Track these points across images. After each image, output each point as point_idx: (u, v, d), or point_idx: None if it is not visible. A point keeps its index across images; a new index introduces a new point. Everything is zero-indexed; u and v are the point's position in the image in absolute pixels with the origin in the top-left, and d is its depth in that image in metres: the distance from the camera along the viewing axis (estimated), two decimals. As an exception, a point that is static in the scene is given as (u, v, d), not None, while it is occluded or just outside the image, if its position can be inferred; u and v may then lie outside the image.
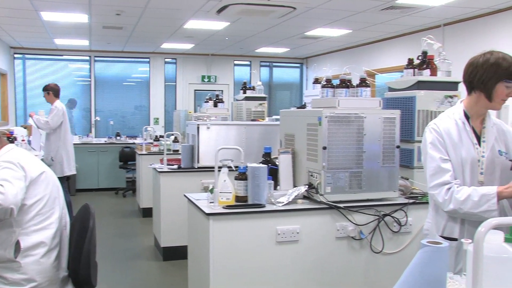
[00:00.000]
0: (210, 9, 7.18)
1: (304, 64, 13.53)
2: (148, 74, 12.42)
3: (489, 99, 2.39)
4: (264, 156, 3.40)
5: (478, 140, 2.46)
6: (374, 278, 3.25)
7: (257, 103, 7.14)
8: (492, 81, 2.35)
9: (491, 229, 1.21)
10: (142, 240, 6.59)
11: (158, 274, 5.26)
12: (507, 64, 2.33)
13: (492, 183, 2.39)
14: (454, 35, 7.96)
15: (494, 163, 2.43)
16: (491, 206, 2.25)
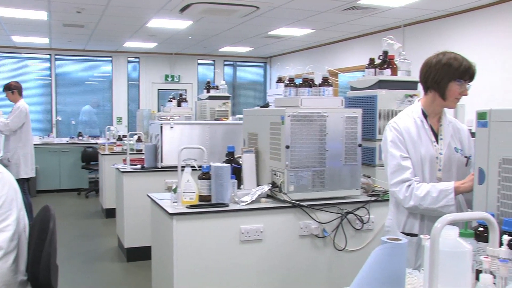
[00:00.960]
0: (173, 8, 7.13)
1: (268, 64, 13.57)
2: (110, 73, 12.25)
3: (443, 98, 2.45)
4: (227, 156, 3.40)
5: (436, 138, 2.52)
6: (337, 275, 3.29)
7: (220, 102, 7.13)
8: (444, 80, 2.41)
9: (447, 224, 1.24)
10: (105, 241, 6.50)
11: (122, 275, 5.20)
12: (458, 64, 2.40)
13: (450, 179, 2.45)
14: (414, 36, 8.12)
15: (451, 159, 2.50)
16: (449, 201, 2.31)
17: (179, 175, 3.13)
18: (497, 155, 1.89)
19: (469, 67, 2.42)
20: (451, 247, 1.38)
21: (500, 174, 1.87)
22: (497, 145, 1.89)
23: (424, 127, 2.52)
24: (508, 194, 1.83)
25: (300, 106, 3.19)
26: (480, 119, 1.97)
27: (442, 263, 1.29)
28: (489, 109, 1.94)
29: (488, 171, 1.93)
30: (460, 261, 1.38)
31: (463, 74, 2.41)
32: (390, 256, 1.42)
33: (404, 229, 2.55)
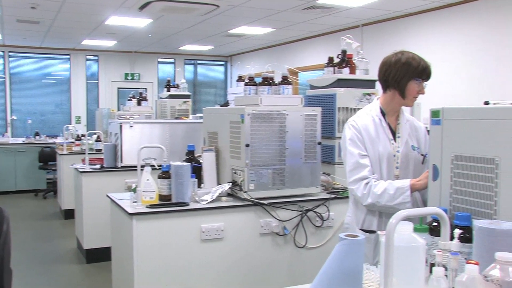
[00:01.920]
0: (132, 6, 7.05)
1: (229, 62, 13.56)
2: (68, 71, 12.01)
3: (403, 96, 2.51)
4: (187, 154, 3.38)
5: (394, 136, 2.57)
6: (298, 272, 3.32)
7: (181, 101, 7.09)
8: (404, 79, 2.47)
9: (402, 220, 1.27)
10: (64, 242, 6.37)
11: (81, 278, 5.11)
12: (417, 64, 2.46)
13: (407, 176, 2.51)
14: (372, 35, 8.27)
15: (408, 157, 2.55)
16: (405, 198, 2.36)
17: (138, 174, 3.10)
18: (449, 151, 1.94)
19: (427, 67, 2.48)
20: (406, 242, 1.41)
21: (452, 170, 1.93)
22: (450, 142, 1.95)
23: (382, 125, 2.56)
24: (460, 190, 1.89)
25: (260, 104, 3.21)
26: (433, 117, 2.02)
27: (397, 258, 1.33)
28: (442, 107, 2.00)
29: (441, 168, 1.98)
30: (414, 255, 1.42)
31: (421, 73, 2.47)
32: (348, 252, 1.45)
33: (363, 226, 2.59)
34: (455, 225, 1.72)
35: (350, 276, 1.44)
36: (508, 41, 6.35)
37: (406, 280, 1.40)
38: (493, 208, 1.76)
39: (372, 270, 1.77)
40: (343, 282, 1.43)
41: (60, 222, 7.62)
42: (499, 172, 1.74)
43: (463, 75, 6.86)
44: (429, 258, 1.67)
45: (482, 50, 6.65)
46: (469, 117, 1.89)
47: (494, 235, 1.53)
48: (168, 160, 3.21)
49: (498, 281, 1.30)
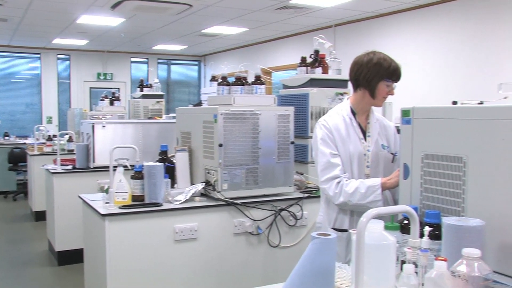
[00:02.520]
0: (104, 4, 6.98)
1: (202, 62, 13.53)
2: (39, 70, 11.82)
3: (373, 96, 2.53)
4: (160, 155, 3.37)
5: (364, 135, 2.60)
6: (272, 271, 3.33)
7: (154, 101, 7.05)
8: (375, 79, 2.49)
9: (372, 218, 1.29)
10: (35, 245, 6.27)
11: (53, 280, 5.04)
12: (388, 65, 2.48)
13: (377, 175, 2.53)
14: (344, 36, 8.34)
15: (378, 156, 2.58)
16: (376, 196, 2.39)
17: (111, 175, 3.07)
18: (420, 150, 1.97)
19: (397, 68, 2.51)
20: (377, 240, 1.43)
21: (422, 169, 1.96)
22: (420, 141, 1.98)
23: (352, 124, 2.58)
24: (430, 188, 1.92)
25: (233, 104, 3.21)
26: (404, 117, 2.05)
27: (368, 256, 1.34)
28: (412, 107, 2.03)
29: (412, 166, 2.02)
30: (385, 253, 1.44)
31: (391, 74, 2.49)
32: (320, 251, 1.46)
33: (335, 225, 2.60)
34: (425, 223, 1.75)
35: (323, 274, 1.45)
36: (476, 42, 6.48)
37: (377, 278, 1.42)
38: (461, 205, 1.79)
39: (344, 268, 1.79)
40: (316, 281, 1.44)
41: (31, 224, 7.49)
42: (467, 170, 1.77)
43: (433, 75, 6.97)
44: (400, 256, 1.70)
45: (451, 50, 6.77)
46: (438, 117, 1.93)
47: (461, 232, 1.56)
48: (141, 160, 3.19)
49: (465, 276, 1.33)
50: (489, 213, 1.67)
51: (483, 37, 6.41)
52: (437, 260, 1.43)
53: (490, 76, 6.08)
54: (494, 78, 5.78)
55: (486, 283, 1.34)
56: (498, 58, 6.20)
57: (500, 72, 6.06)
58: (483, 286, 1.33)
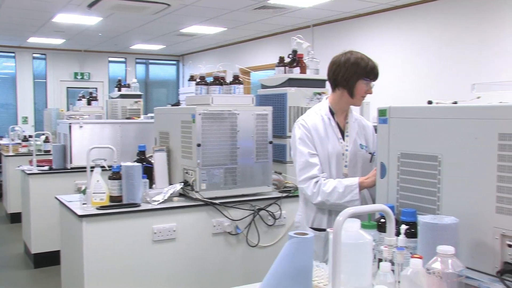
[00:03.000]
0: (81, 3, 6.91)
1: (181, 61, 13.48)
2: (14, 69, 11.64)
3: (351, 95, 2.55)
4: (138, 155, 3.35)
5: (342, 135, 2.61)
6: (251, 271, 3.33)
7: (132, 100, 7.00)
8: (353, 79, 2.51)
9: (349, 217, 1.30)
10: (11, 247, 6.18)
11: (29, 283, 4.97)
12: (365, 64, 2.51)
13: (355, 174, 2.55)
14: (322, 36, 8.38)
15: (356, 156, 2.60)
16: (354, 196, 2.40)
17: (88, 175, 3.04)
18: (396, 149, 2.00)
19: (374, 67, 2.54)
20: (353, 239, 1.45)
21: (399, 168, 1.98)
22: (396, 140, 2.00)
23: (331, 124, 2.60)
24: (406, 187, 1.95)
25: (211, 104, 3.21)
26: (381, 116, 2.07)
27: (345, 254, 1.35)
28: (389, 106, 2.05)
29: (388, 165, 2.04)
30: (362, 252, 1.46)
31: (369, 73, 2.52)
32: (297, 250, 1.47)
33: (313, 224, 2.62)
34: (402, 221, 1.77)
35: (300, 273, 1.46)
36: (451, 43, 6.57)
37: (354, 276, 1.43)
38: (437, 203, 1.82)
39: (321, 267, 1.80)
40: (293, 280, 1.45)
41: (6, 226, 7.38)
42: (442, 169, 1.80)
43: (410, 75, 7.05)
44: (377, 254, 1.71)
45: (427, 51, 6.86)
46: (413, 116, 1.95)
47: (436, 230, 1.59)
48: (119, 160, 3.16)
49: (439, 273, 1.35)
50: (463, 211, 1.70)
51: (458, 38, 6.51)
52: (412, 258, 1.45)
53: (464, 77, 6.18)
54: (468, 79, 5.87)
55: (460, 279, 1.37)
56: (472, 59, 6.31)
57: (474, 72, 6.17)
58: (456, 282, 1.36)
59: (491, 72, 5.97)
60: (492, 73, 5.95)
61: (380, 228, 1.80)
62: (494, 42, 6.12)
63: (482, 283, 1.57)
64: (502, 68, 5.87)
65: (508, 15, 6.00)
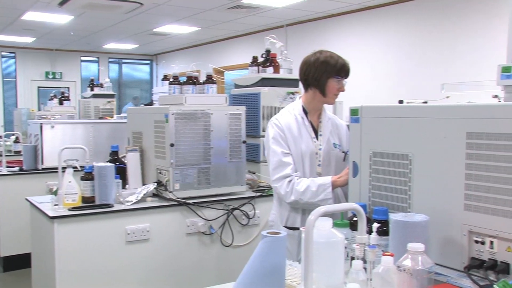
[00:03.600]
0: (51, 1, 6.80)
1: (154, 61, 13.40)
2: (-18, 69, 11.43)
3: (323, 94, 2.57)
4: (111, 155, 3.32)
5: (316, 134, 2.63)
6: (225, 271, 3.33)
7: (105, 100, 6.92)
8: (324, 77, 2.53)
9: (321, 216, 1.31)
10: (-21, 250, 6.05)
11: (-1, 286, 4.89)
12: (335, 62, 2.53)
13: (328, 173, 2.57)
14: (296, 35, 8.43)
15: (330, 155, 2.62)
16: (327, 195, 2.42)
17: (59, 176, 3.00)
18: (368, 148, 2.02)
19: (344, 64, 2.56)
20: (326, 237, 1.46)
21: (371, 166, 2.01)
22: (368, 139, 2.02)
23: (304, 123, 2.61)
24: (378, 185, 1.97)
25: (184, 104, 3.20)
26: (352, 115, 2.10)
27: (317, 253, 1.36)
28: (360, 105, 2.07)
29: (360, 164, 2.06)
30: (334, 250, 1.47)
31: (339, 71, 2.54)
32: (270, 249, 1.48)
33: (287, 223, 2.63)
34: (374, 219, 1.79)
35: (273, 272, 1.47)
36: (421, 43, 6.68)
37: (326, 274, 1.44)
38: (408, 201, 1.84)
39: (295, 266, 1.82)
40: (266, 279, 1.45)
41: (-25, 228, 7.22)
42: (412, 167, 1.82)
43: (382, 75, 7.14)
44: (350, 252, 1.73)
45: (398, 51, 6.96)
46: (385, 115, 1.97)
47: (407, 227, 1.61)
48: (91, 161, 3.13)
49: (409, 270, 1.37)
50: (433, 209, 1.73)
51: (428, 39, 6.62)
52: (384, 255, 1.47)
53: (434, 76, 6.28)
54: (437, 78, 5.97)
55: (429, 276, 1.39)
56: (442, 59, 6.42)
57: (443, 72, 6.28)
58: (426, 278, 1.38)
59: (459, 72, 6.08)
60: (460, 73, 6.06)
61: (352, 227, 1.82)
62: (462, 43, 6.25)
63: (450, 278, 1.61)
64: (470, 68, 5.99)
65: (476, 16, 6.12)
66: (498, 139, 1.54)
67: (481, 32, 6.03)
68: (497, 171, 1.55)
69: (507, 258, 1.53)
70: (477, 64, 5.89)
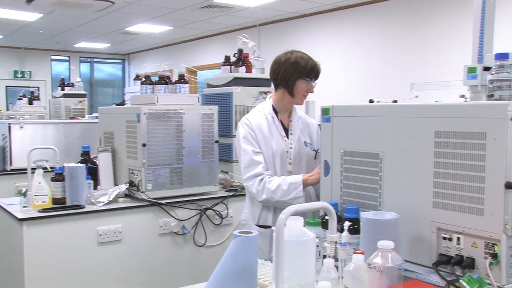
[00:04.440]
0: (19, -1, 6.69)
1: (126, 60, 13.27)
2: None
3: (291, 95, 2.58)
4: (82, 155, 3.28)
5: (286, 133, 2.64)
6: (198, 271, 3.32)
7: (76, 100, 6.83)
8: (292, 78, 2.54)
9: (291, 215, 1.32)
10: None
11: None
12: (305, 63, 2.54)
13: (299, 172, 2.59)
14: (268, 35, 8.45)
15: (301, 153, 2.63)
16: (298, 193, 2.43)
17: (29, 177, 2.95)
18: (339, 147, 2.04)
19: (314, 66, 2.56)
20: (296, 236, 1.47)
21: (342, 165, 2.03)
22: (339, 138, 2.04)
23: (274, 123, 2.62)
24: (349, 184, 1.99)
25: (156, 103, 3.18)
26: (324, 115, 2.11)
27: (289, 252, 1.37)
28: (332, 105, 2.09)
29: (332, 163, 2.08)
30: (305, 249, 1.48)
31: (309, 73, 2.55)
32: (242, 249, 1.48)
33: (259, 222, 2.63)
34: (345, 218, 1.81)
35: (245, 272, 1.47)
36: (392, 43, 6.77)
37: (297, 273, 1.45)
38: (378, 200, 1.87)
39: (266, 265, 1.82)
40: (238, 278, 1.46)
41: None
42: (383, 166, 1.85)
43: (353, 75, 7.21)
44: (321, 251, 1.75)
45: (369, 51, 7.04)
46: (355, 114, 2.00)
47: (377, 225, 1.63)
48: (62, 161, 3.09)
49: (380, 267, 1.39)
50: (403, 206, 1.76)
51: (398, 39, 6.71)
52: (355, 253, 1.49)
53: (404, 76, 6.37)
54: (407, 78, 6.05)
55: (399, 272, 1.41)
56: (412, 59, 6.52)
57: (413, 72, 6.38)
58: (396, 275, 1.40)
59: (429, 72, 6.19)
60: (429, 73, 6.17)
61: (324, 225, 1.83)
62: (431, 44, 6.36)
63: (419, 275, 1.64)
64: (439, 68, 6.09)
65: (444, 18, 6.24)
66: (464, 138, 1.58)
67: (448, 33, 6.15)
68: (463, 169, 1.58)
69: (473, 254, 1.57)
70: (445, 65, 5.99)
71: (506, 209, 1.49)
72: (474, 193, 1.55)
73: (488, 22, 1.93)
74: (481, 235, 1.55)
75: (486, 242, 1.54)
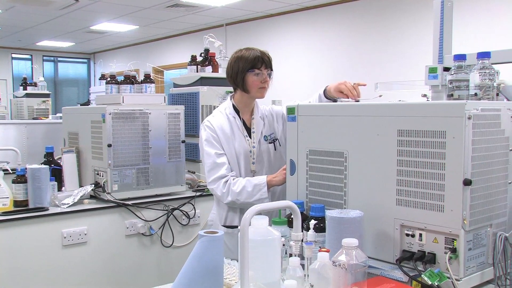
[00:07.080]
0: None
1: (92, 60, 13.08)
2: None
3: (246, 91, 2.56)
4: (46, 156, 3.23)
5: (249, 132, 2.63)
6: (166, 271, 3.30)
7: (40, 100, 6.71)
8: (239, 74, 2.52)
9: (256, 215, 1.33)
10: None
11: None
12: (248, 54, 2.51)
13: (262, 169, 2.58)
14: (235, 35, 8.46)
15: (261, 151, 2.62)
16: (262, 194, 2.42)
17: (-11, 180, 2.89)
18: (305, 147, 2.05)
19: (258, 55, 2.50)
20: (262, 235, 1.48)
21: (307, 164, 2.04)
22: (305, 137, 2.06)
23: (236, 123, 2.60)
24: (315, 183, 2.01)
25: (122, 103, 3.15)
26: (289, 114, 2.13)
27: (254, 251, 1.38)
28: (297, 104, 2.10)
29: (298, 162, 2.09)
30: (270, 248, 1.49)
31: (254, 63, 2.50)
32: (207, 249, 1.48)
33: (226, 222, 2.62)
34: (311, 216, 1.82)
35: (211, 271, 1.47)
36: (357, 44, 6.86)
37: (263, 272, 1.46)
38: (343, 198, 1.89)
39: (233, 264, 1.83)
40: (204, 278, 1.46)
41: None
42: (348, 164, 1.87)
43: (319, 74, 7.26)
44: (288, 249, 1.76)
45: (334, 51, 7.12)
46: (320, 114, 2.02)
47: (343, 223, 1.66)
48: (24, 163, 3.03)
49: (344, 264, 1.41)
50: (368, 204, 1.78)
51: (363, 39, 6.80)
52: (320, 251, 1.50)
53: (369, 76, 6.45)
54: (372, 78, 6.15)
55: (363, 269, 1.44)
56: (376, 59, 6.62)
57: (378, 72, 6.48)
58: (360, 272, 1.42)
59: (393, 72, 6.29)
60: (394, 72, 6.27)
61: (290, 224, 1.84)
62: (395, 44, 6.47)
63: (383, 271, 1.66)
64: (402, 68, 6.20)
65: (407, 19, 6.36)
66: (425, 136, 1.62)
67: (411, 33, 6.27)
68: (425, 166, 1.62)
69: (434, 249, 1.62)
70: (408, 64, 6.10)
71: (464, 205, 1.54)
72: (435, 190, 1.59)
73: (447, 24, 1.98)
74: (441, 230, 1.59)
75: (446, 237, 1.58)
